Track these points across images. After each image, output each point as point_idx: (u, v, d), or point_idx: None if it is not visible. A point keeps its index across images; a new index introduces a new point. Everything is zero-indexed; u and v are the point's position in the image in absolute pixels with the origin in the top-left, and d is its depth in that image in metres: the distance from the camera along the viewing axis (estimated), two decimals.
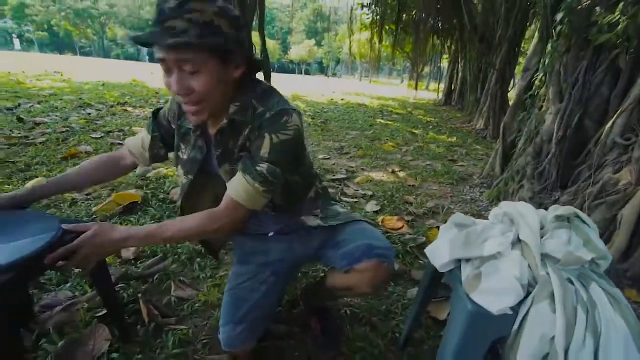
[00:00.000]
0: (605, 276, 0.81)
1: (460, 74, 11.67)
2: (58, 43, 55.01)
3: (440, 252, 0.91)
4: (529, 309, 0.72)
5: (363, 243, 0.96)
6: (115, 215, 1.91)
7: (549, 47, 2.50)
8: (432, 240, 1.94)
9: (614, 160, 1.89)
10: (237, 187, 0.82)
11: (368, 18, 12.42)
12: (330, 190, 2.69)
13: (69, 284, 1.33)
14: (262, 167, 0.80)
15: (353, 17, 13.12)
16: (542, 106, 2.56)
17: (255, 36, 6.13)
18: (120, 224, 1.79)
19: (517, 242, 0.85)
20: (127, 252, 1.55)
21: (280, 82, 15.31)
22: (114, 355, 1.04)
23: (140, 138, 1.00)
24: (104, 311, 1.17)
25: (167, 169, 2.71)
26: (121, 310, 1.12)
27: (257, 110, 0.83)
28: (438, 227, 2.16)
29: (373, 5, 11.49)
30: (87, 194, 2.15)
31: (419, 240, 1.96)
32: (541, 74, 2.62)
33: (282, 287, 1.10)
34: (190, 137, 0.93)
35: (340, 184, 2.86)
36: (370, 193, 2.69)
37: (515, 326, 0.72)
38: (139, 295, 1.30)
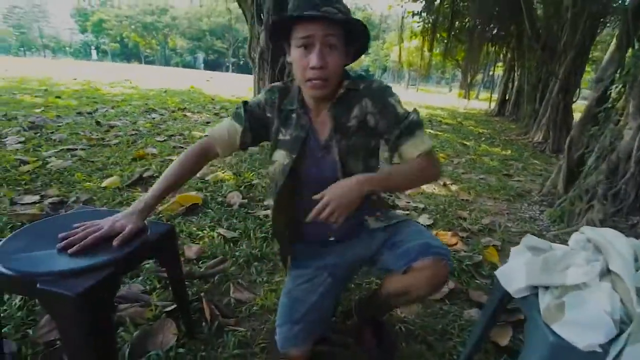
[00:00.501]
0: None
1: (516, 83, 11.02)
2: (127, 53, 60.57)
3: (514, 276, 0.85)
4: (622, 348, 0.65)
5: (420, 242, 0.96)
6: (179, 215, 2.04)
7: (628, 55, 2.28)
8: (489, 260, 1.88)
9: None
10: (418, 144, 0.94)
11: (419, 26, 12.18)
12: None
13: (140, 278, 1.43)
14: (414, 116, 0.96)
15: (403, 25, 12.97)
16: (619, 121, 2.34)
17: None
18: (183, 224, 1.91)
19: (607, 273, 0.77)
20: (190, 252, 1.64)
21: None
22: (180, 350, 1.10)
23: (226, 129, 1.03)
24: (172, 307, 1.24)
25: (223, 173, 2.85)
26: (188, 307, 1.18)
27: (360, 86, 0.98)
28: (495, 246, 2.05)
29: (424, 13, 11.26)
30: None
31: (475, 259, 1.86)
32: (619, 86, 2.40)
33: (339, 291, 1.12)
34: (292, 119, 1.00)
35: (391, 196, 2.81)
36: (422, 206, 2.62)
37: None
38: (202, 294, 1.37)
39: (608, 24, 6.47)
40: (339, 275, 1.07)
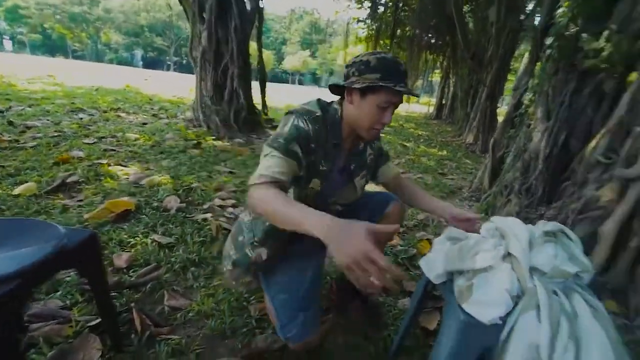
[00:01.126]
0: (588, 288, 0.85)
1: (451, 89, 11.94)
2: (50, 45, 54.51)
3: (434, 264, 0.94)
4: (516, 318, 0.74)
5: (383, 196, 1.28)
6: (108, 222, 1.90)
7: (538, 69, 2.60)
8: (423, 252, 2.00)
9: (597, 178, 1.96)
10: (393, 167, 1.33)
11: (363, 32, 12.66)
12: None
13: (59, 293, 1.31)
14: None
15: (348, 30, 13.36)
16: (530, 124, 2.65)
17: (252, 46, 6.20)
18: (113, 232, 1.78)
19: (508, 255, 0.88)
20: (120, 261, 1.54)
21: (274, 92, 15.41)
22: None
23: (284, 169, 0.91)
24: (96, 321, 1.16)
25: (160, 176, 2.70)
26: (116, 319, 1.11)
27: None
28: (428, 239, 2.20)
29: (369, 20, 11.74)
30: (79, 200, 2.13)
31: (410, 252, 1.99)
32: (530, 94, 2.71)
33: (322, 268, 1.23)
34: (332, 152, 1.07)
35: None
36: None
37: (504, 335, 0.74)
38: (132, 304, 1.29)
39: (525, 40, 7.29)
40: (321, 261, 1.18)
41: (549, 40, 2.31)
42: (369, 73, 0.95)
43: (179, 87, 12.52)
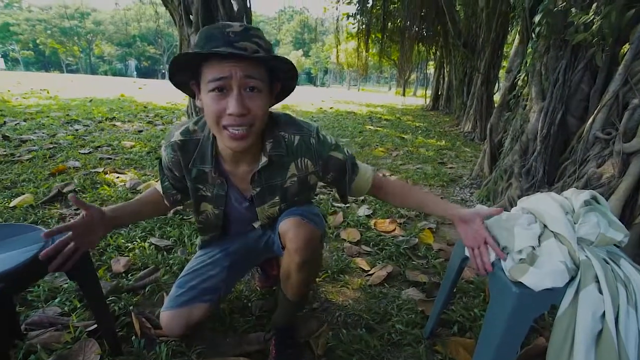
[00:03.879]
0: (624, 253, 0.89)
1: (446, 79, 11.87)
2: (44, 61, 54.63)
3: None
4: (576, 291, 0.77)
5: (290, 212, 0.98)
6: None
7: (529, 48, 2.57)
8: (425, 242, 1.98)
9: (597, 154, 1.94)
10: (366, 175, 1.02)
11: (354, 28, 12.63)
12: (322, 195, 2.70)
13: (57, 299, 1.29)
14: (350, 156, 1.01)
15: (339, 27, 13.33)
16: (526, 105, 2.62)
17: None
18: (110, 237, 1.77)
19: (546, 233, 0.88)
20: (118, 265, 1.53)
21: None
22: None
23: (155, 187, 1.04)
24: (94, 326, 1.14)
25: (156, 181, 2.68)
26: (112, 324, 1.09)
27: (291, 141, 0.92)
28: (430, 229, 2.18)
29: (358, 15, 11.69)
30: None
31: (411, 242, 1.97)
32: (523, 75, 2.69)
33: (230, 265, 1.12)
34: (206, 177, 0.94)
35: (331, 190, 2.87)
36: (362, 198, 2.70)
37: (564, 307, 0.77)
38: (131, 308, 1.28)
39: (515, 22, 7.25)
40: (230, 251, 1.13)
41: (537, 18, 2.28)
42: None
43: (173, 94, 12.52)
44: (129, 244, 1.73)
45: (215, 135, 0.82)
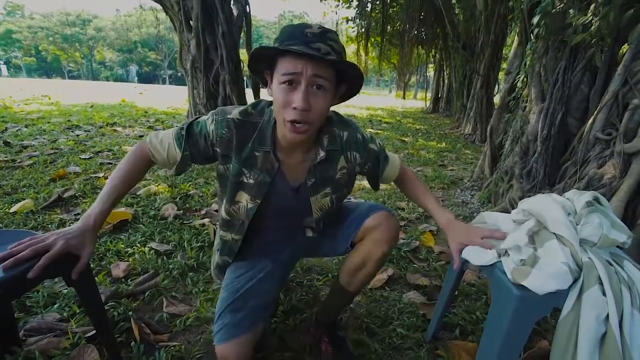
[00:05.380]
0: (627, 254, 0.87)
1: (446, 82, 11.91)
2: (46, 68, 54.95)
3: (480, 250, 0.92)
4: (579, 294, 0.76)
5: (364, 207, 1.06)
6: (105, 233, 1.88)
7: (528, 49, 2.57)
8: (426, 244, 1.97)
9: (598, 155, 1.93)
10: (394, 164, 1.12)
11: (353, 31, 12.67)
12: None
13: (56, 305, 1.29)
14: (382, 148, 1.10)
15: (339, 31, 13.37)
16: (525, 107, 2.61)
17: (242, 54, 6.21)
18: (110, 242, 1.76)
19: (548, 234, 0.87)
20: (118, 271, 1.52)
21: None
22: None
23: (166, 150, 0.95)
24: (93, 332, 1.14)
25: (157, 186, 2.69)
26: (111, 329, 1.08)
27: (341, 136, 0.99)
28: (431, 231, 2.17)
29: (358, 19, 11.74)
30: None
31: (412, 245, 1.96)
32: (522, 76, 2.68)
33: (280, 277, 1.09)
34: (256, 161, 0.92)
35: None
36: (362, 200, 2.68)
37: (567, 310, 0.76)
38: (130, 313, 1.27)
39: (514, 23, 7.26)
40: (281, 259, 1.09)
41: (535, 19, 2.28)
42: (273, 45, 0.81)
43: (173, 99, 12.56)
44: (129, 249, 1.72)
45: (277, 122, 0.88)
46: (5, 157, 3.27)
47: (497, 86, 6.50)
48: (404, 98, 15.29)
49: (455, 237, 0.97)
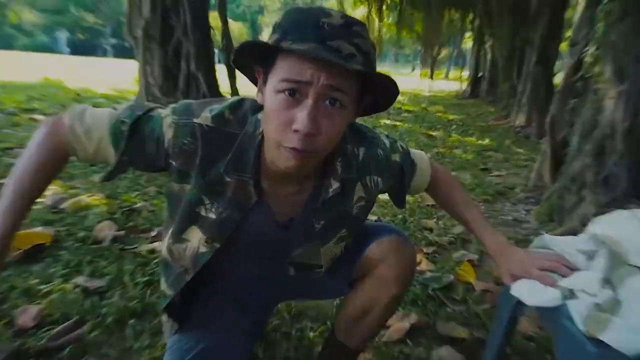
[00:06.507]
0: None
1: (489, 57, 12.03)
2: None
3: (537, 285, 0.91)
4: None
5: (367, 231, 1.06)
6: (12, 264, 1.83)
7: (599, 11, 2.58)
8: (463, 280, 1.94)
9: None
10: (424, 170, 1.11)
11: None
12: None
13: None
14: (406, 153, 1.08)
15: None
16: (598, 90, 2.62)
17: (214, 19, 6.24)
18: (17, 277, 1.73)
19: (630, 268, 0.87)
20: (25, 318, 1.48)
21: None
22: None
23: (94, 146, 0.87)
24: None
25: (90, 196, 2.65)
26: None
27: (356, 155, 0.96)
28: (471, 261, 2.16)
29: None
30: None
31: (445, 280, 1.94)
32: (593, 48, 2.70)
33: (254, 330, 1.09)
34: (226, 189, 0.87)
35: None
36: (374, 218, 2.67)
37: None
38: None
39: None
40: (252, 306, 1.09)
41: None
42: (271, 38, 0.77)
43: (118, 77, 12.61)
44: (44, 286, 1.68)
45: (266, 141, 0.83)
46: None
47: (558, 61, 6.54)
48: (431, 78, 15.46)
49: (512, 267, 0.95)
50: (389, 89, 0.82)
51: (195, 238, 0.92)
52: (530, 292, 0.90)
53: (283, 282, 1.09)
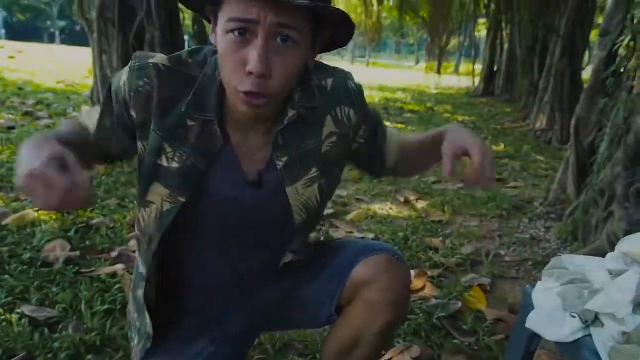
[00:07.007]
0: None
1: (506, 47, 12.14)
2: None
3: (558, 316, 0.93)
4: None
5: (354, 249, 1.08)
6: None
7: None
8: (473, 307, 1.98)
9: None
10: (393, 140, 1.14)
11: None
12: None
13: None
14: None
15: None
16: (632, 88, 2.66)
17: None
18: None
19: None
20: None
21: None
22: None
23: (94, 124, 0.98)
24: None
25: (36, 211, 2.66)
26: None
27: (323, 86, 1.01)
28: (481, 285, 2.19)
29: None
30: None
31: (452, 308, 1.97)
32: (628, 39, 2.72)
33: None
34: (189, 133, 0.91)
35: (323, 224, 2.87)
36: (371, 236, 2.71)
37: None
38: None
39: None
40: (226, 337, 1.09)
41: None
42: None
43: (69, 67, 12.53)
44: None
45: (225, 86, 0.87)
46: None
47: (586, 54, 6.61)
48: (439, 73, 15.57)
49: (454, 138, 0.97)
50: (345, 21, 0.86)
51: (158, 196, 0.94)
52: (547, 324, 0.92)
53: (264, 301, 1.11)
